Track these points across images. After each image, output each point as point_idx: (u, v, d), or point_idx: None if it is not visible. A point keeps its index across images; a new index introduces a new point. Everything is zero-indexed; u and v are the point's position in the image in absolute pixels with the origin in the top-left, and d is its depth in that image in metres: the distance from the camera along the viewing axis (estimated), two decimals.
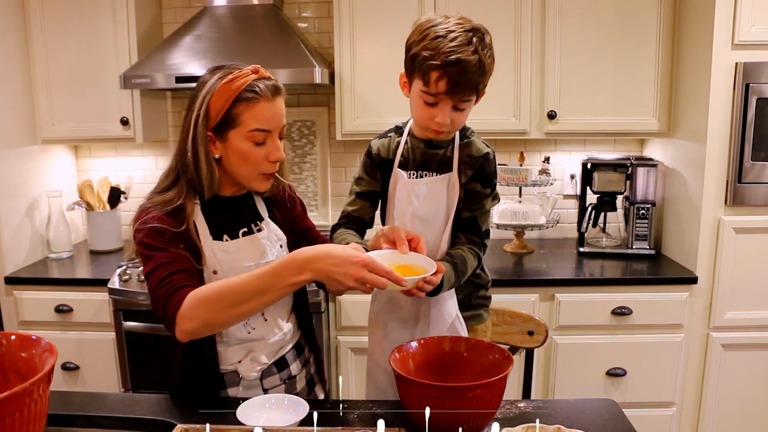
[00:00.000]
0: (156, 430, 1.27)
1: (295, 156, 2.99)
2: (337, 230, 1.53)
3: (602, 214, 2.80)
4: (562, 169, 2.97)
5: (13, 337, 1.08)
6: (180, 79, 2.43)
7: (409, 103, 1.43)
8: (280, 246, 1.47)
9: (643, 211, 2.66)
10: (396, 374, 1.18)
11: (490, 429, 1.21)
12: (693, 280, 2.39)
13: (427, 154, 1.48)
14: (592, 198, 2.79)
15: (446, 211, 1.46)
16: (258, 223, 1.45)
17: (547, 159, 2.84)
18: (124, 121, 2.67)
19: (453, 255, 1.43)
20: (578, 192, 2.87)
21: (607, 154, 2.86)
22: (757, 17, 2.23)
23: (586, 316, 2.43)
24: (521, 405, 1.32)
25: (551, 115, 2.57)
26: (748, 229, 2.36)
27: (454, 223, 1.47)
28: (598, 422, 1.26)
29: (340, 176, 3.02)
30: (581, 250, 2.75)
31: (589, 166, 2.74)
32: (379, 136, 1.56)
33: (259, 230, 1.44)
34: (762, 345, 2.43)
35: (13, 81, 2.60)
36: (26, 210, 2.69)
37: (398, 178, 1.49)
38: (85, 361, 2.57)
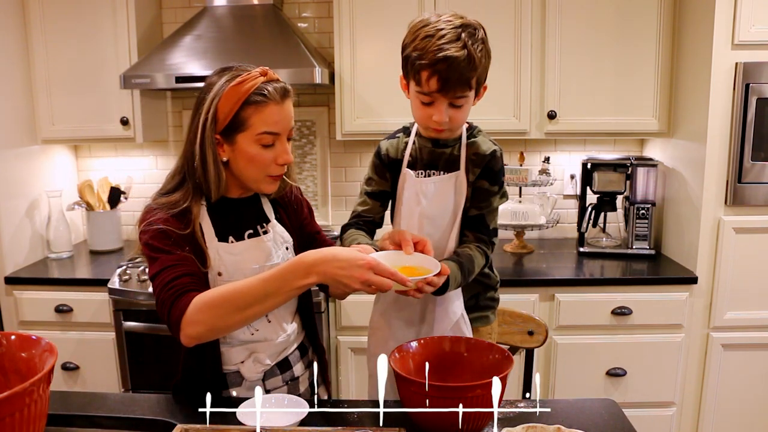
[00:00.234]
0: (156, 430, 1.27)
1: (295, 156, 2.98)
2: (347, 230, 1.53)
3: (602, 214, 2.80)
4: (562, 169, 2.97)
5: (13, 337, 1.09)
6: (180, 79, 2.43)
7: (408, 103, 1.43)
8: (286, 248, 1.46)
9: (643, 211, 2.66)
10: (396, 374, 1.18)
11: (490, 429, 1.21)
12: (693, 280, 2.39)
13: (435, 153, 1.48)
14: (592, 198, 2.79)
15: (454, 210, 1.46)
16: (264, 225, 1.44)
17: (547, 159, 2.84)
18: (124, 121, 2.67)
19: (460, 254, 1.43)
20: (578, 192, 2.87)
21: (607, 154, 2.86)
22: (757, 17, 2.23)
23: (586, 316, 2.43)
24: (521, 405, 1.32)
25: (551, 115, 2.57)
26: (748, 229, 2.36)
27: (462, 222, 1.47)
28: (598, 422, 1.26)
29: (340, 176, 3.02)
30: (581, 250, 2.75)
31: (589, 166, 2.74)
32: (388, 136, 1.57)
33: (265, 232, 1.43)
34: (762, 345, 2.43)
35: (13, 81, 2.60)
36: (26, 210, 2.69)
37: (406, 178, 1.49)
38: (85, 361, 2.57)
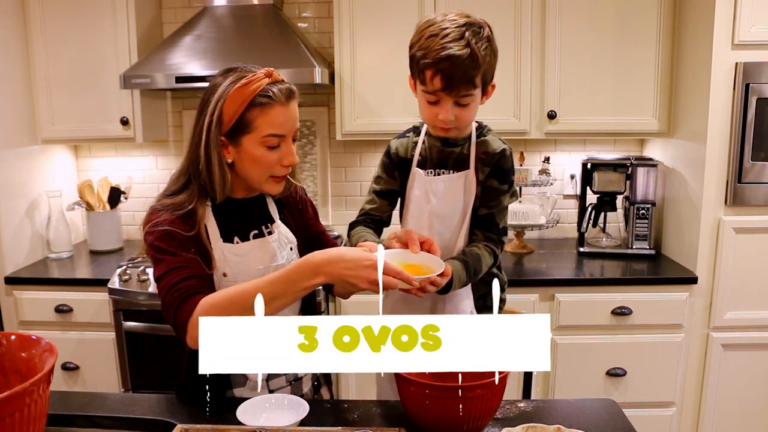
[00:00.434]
0: (156, 430, 1.27)
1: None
2: (354, 227, 1.53)
3: (602, 214, 2.80)
4: (562, 169, 2.97)
5: (13, 337, 1.09)
6: (180, 79, 2.43)
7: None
8: (290, 248, 1.46)
9: (643, 211, 2.66)
10: (396, 374, 1.18)
11: (490, 429, 1.21)
12: (693, 280, 2.39)
13: (444, 152, 1.48)
14: (592, 198, 2.79)
15: (463, 209, 1.47)
16: (269, 225, 1.44)
17: (547, 159, 2.84)
18: (124, 121, 2.67)
19: (467, 253, 1.44)
20: (578, 192, 2.87)
21: (607, 154, 2.86)
22: (757, 17, 2.23)
23: (586, 316, 2.43)
24: (521, 405, 1.32)
25: (551, 115, 2.57)
26: (748, 229, 2.36)
27: (472, 220, 1.48)
28: (598, 422, 1.26)
29: (340, 176, 3.02)
30: (581, 250, 2.75)
31: (589, 166, 2.74)
32: (398, 135, 1.58)
33: (270, 233, 1.43)
34: (762, 345, 2.43)
35: (13, 81, 2.60)
36: (26, 210, 2.69)
37: (416, 177, 1.50)
38: (85, 361, 2.57)
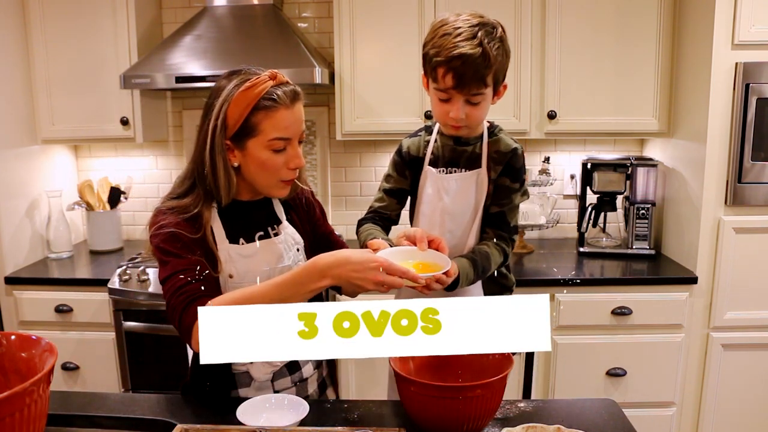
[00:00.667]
0: (156, 430, 1.27)
1: None
2: (363, 224, 1.55)
3: (602, 214, 2.80)
4: (562, 169, 2.97)
5: (13, 337, 1.08)
6: (180, 79, 2.43)
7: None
8: (297, 250, 1.46)
9: (643, 211, 2.66)
10: (396, 374, 1.18)
11: (490, 429, 1.21)
12: (693, 280, 2.39)
13: (456, 151, 1.49)
14: (592, 198, 2.79)
15: (475, 207, 1.48)
16: (275, 226, 1.44)
17: (547, 159, 2.84)
18: (124, 121, 2.67)
19: (475, 251, 1.45)
20: (578, 192, 2.87)
21: (607, 154, 2.86)
22: (757, 17, 2.23)
23: (586, 316, 2.43)
24: (521, 405, 1.32)
25: (551, 115, 2.57)
26: (748, 229, 2.36)
27: (483, 219, 1.49)
28: (598, 422, 1.26)
29: (340, 176, 3.02)
30: (581, 250, 2.75)
31: (589, 166, 2.74)
32: (410, 135, 1.59)
33: (276, 234, 1.43)
34: (762, 345, 2.43)
35: (13, 81, 2.60)
36: (26, 210, 2.69)
37: (428, 175, 1.51)
38: (85, 361, 2.57)
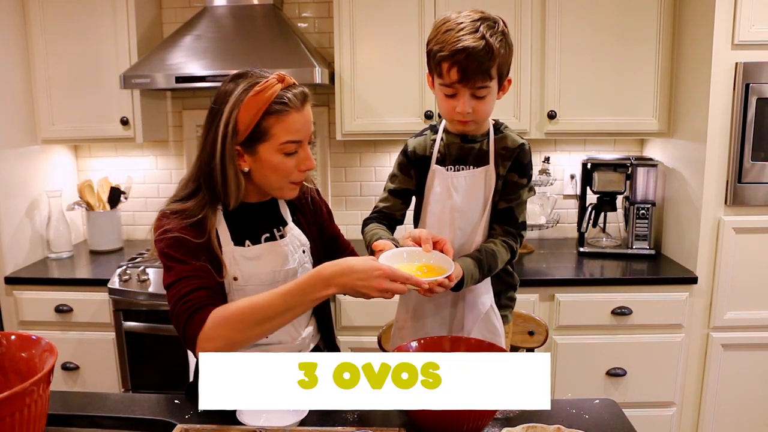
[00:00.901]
0: (156, 430, 1.27)
1: None
2: (368, 224, 1.54)
3: (602, 214, 2.80)
4: (562, 169, 2.97)
5: (13, 337, 1.09)
6: (180, 79, 2.43)
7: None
8: (303, 251, 1.45)
9: (643, 211, 2.66)
10: None
11: (490, 429, 1.21)
12: (693, 280, 2.39)
13: (464, 148, 1.50)
14: (592, 198, 2.79)
15: (483, 204, 1.49)
16: (281, 228, 1.43)
17: (547, 159, 2.84)
18: (124, 121, 2.67)
19: (481, 250, 1.46)
20: (578, 192, 2.87)
21: (607, 154, 2.86)
22: (757, 17, 2.23)
23: (586, 316, 2.43)
24: None
25: (551, 115, 2.57)
26: (748, 229, 2.36)
27: (491, 215, 1.50)
28: (598, 422, 1.26)
29: (340, 176, 3.02)
30: (581, 250, 2.75)
31: (589, 166, 2.74)
32: (415, 135, 1.59)
33: (282, 236, 1.42)
34: (762, 345, 2.43)
35: (13, 81, 2.60)
36: (26, 210, 2.69)
37: (436, 174, 1.51)
38: (85, 361, 2.57)
